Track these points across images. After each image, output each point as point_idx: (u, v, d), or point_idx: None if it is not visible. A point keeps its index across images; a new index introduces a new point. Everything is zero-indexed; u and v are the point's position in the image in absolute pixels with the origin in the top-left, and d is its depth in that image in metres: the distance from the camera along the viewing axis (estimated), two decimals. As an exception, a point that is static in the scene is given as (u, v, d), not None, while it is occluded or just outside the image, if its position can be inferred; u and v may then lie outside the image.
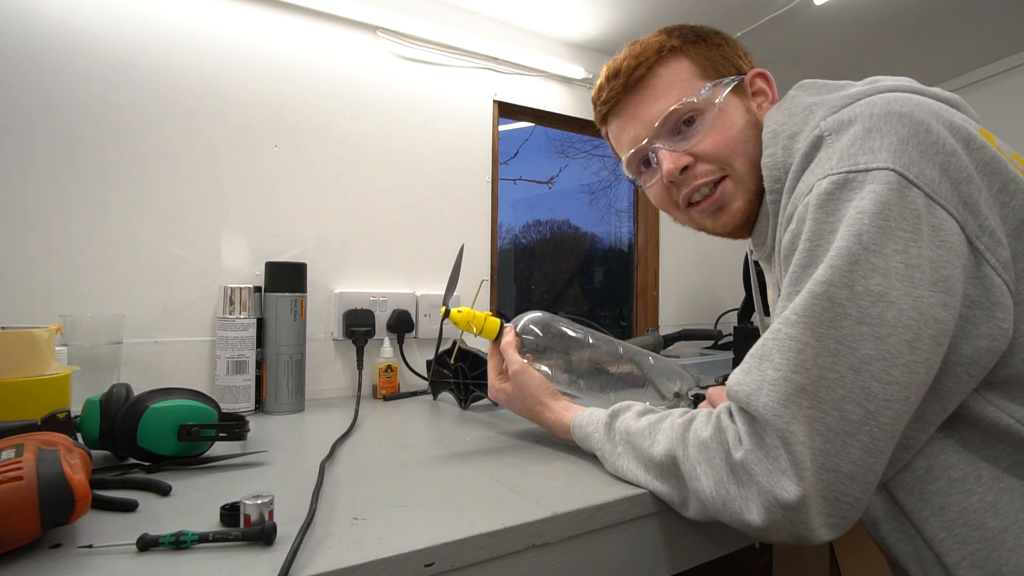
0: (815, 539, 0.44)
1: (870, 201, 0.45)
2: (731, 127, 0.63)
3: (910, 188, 0.45)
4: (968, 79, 1.63)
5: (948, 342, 0.45)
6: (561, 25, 1.36)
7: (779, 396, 0.44)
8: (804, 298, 0.45)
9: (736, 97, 0.65)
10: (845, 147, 0.48)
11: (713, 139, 0.63)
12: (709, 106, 0.63)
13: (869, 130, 0.48)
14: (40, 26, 0.88)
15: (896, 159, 0.45)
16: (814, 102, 0.57)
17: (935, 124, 0.47)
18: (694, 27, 0.69)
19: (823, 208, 0.47)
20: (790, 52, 1.48)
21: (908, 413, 0.45)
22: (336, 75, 1.13)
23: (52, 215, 0.88)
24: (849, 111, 0.51)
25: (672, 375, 0.80)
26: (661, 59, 0.66)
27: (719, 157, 0.63)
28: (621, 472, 0.57)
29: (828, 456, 0.43)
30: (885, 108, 0.48)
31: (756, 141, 0.62)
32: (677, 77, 0.65)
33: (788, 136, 0.57)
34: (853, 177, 0.46)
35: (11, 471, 0.40)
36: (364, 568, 0.40)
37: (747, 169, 0.63)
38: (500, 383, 0.74)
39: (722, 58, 0.66)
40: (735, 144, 0.62)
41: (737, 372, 0.49)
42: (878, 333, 0.43)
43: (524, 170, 1.92)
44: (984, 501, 0.48)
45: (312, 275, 1.05)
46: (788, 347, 0.45)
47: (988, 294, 0.46)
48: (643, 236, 1.67)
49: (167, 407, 0.61)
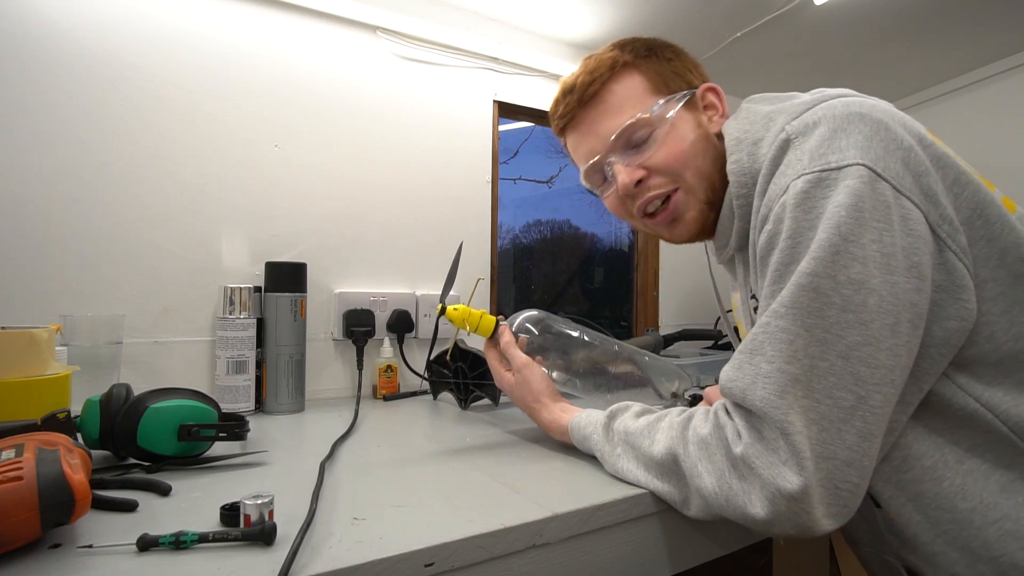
0: (818, 529, 0.45)
1: (845, 195, 0.47)
2: (682, 141, 0.65)
3: (879, 181, 0.47)
4: (968, 79, 1.63)
5: (924, 325, 0.48)
6: (561, 25, 1.36)
7: (774, 388, 0.45)
8: (791, 290, 0.47)
9: (687, 111, 0.67)
10: (814, 147, 0.50)
11: (664, 153, 0.65)
12: (661, 121, 0.65)
13: (835, 131, 0.50)
14: (39, 26, 0.88)
15: (864, 155, 0.48)
16: (772, 110, 0.60)
17: (892, 123, 0.51)
18: (646, 41, 0.71)
19: (800, 207, 0.49)
20: (790, 52, 1.48)
21: (895, 396, 0.47)
22: (336, 75, 1.13)
23: (52, 215, 0.88)
24: (811, 115, 0.53)
25: (669, 375, 0.80)
26: (614, 75, 0.68)
27: (671, 170, 0.66)
28: (621, 473, 0.57)
29: (825, 444, 0.45)
30: (846, 110, 0.51)
31: (707, 153, 0.65)
32: (630, 93, 0.67)
33: (752, 143, 0.60)
34: (827, 175, 0.48)
35: (11, 471, 0.40)
36: (364, 568, 0.40)
37: (697, 180, 0.65)
38: (504, 370, 0.74)
39: (673, 73, 0.69)
40: (686, 157, 0.65)
41: (728, 369, 0.50)
42: (862, 319, 0.46)
43: (524, 170, 1.92)
44: (953, 485, 0.51)
45: (312, 275, 1.05)
46: (779, 339, 0.46)
47: (952, 278, 0.49)
48: (643, 236, 1.67)
49: (167, 407, 0.61)
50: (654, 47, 0.70)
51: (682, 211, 0.67)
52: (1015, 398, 0.50)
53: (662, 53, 0.70)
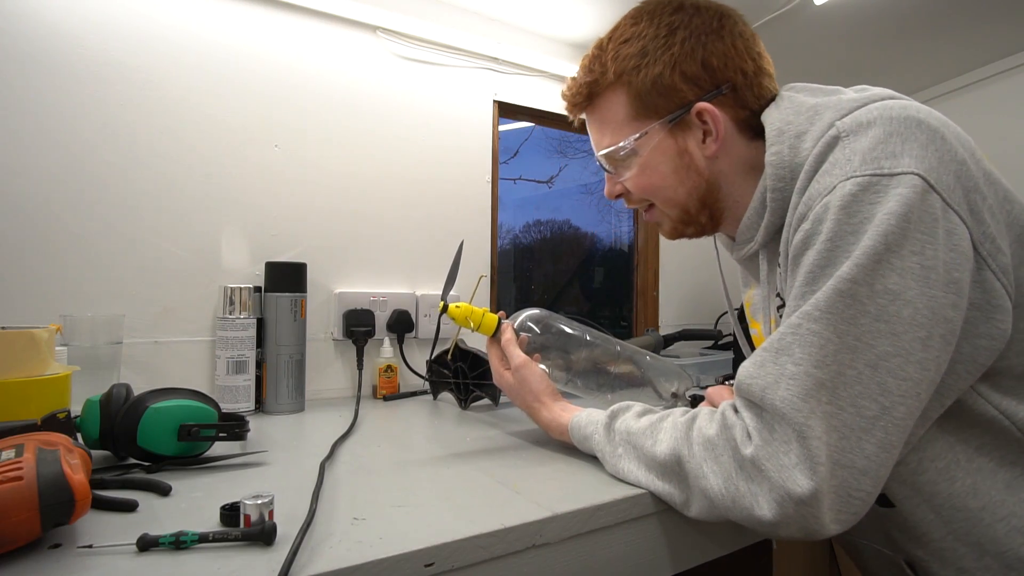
0: (824, 533, 0.45)
1: (896, 203, 0.46)
2: (653, 174, 0.65)
3: (931, 193, 0.46)
4: (968, 79, 1.63)
5: (955, 342, 0.47)
6: (561, 25, 1.36)
7: (799, 390, 0.45)
8: (827, 294, 0.46)
9: (671, 137, 0.63)
10: (867, 149, 0.48)
11: (635, 183, 0.67)
12: (636, 152, 0.65)
13: (890, 134, 0.49)
14: (39, 26, 0.88)
15: (919, 164, 0.47)
16: (817, 103, 0.57)
17: (947, 133, 0.49)
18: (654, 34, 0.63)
19: (845, 209, 0.47)
20: (790, 52, 1.48)
21: (919, 409, 0.47)
22: (336, 75, 1.13)
23: (52, 215, 0.88)
24: (865, 113, 0.51)
25: (670, 375, 0.80)
26: (595, 93, 0.67)
27: (642, 197, 0.69)
28: (622, 474, 0.57)
29: (843, 452, 0.44)
30: (903, 113, 0.50)
31: (682, 184, 0.65)
32: (609, 117, 0.66)
33: (794, 135, 0.57)
34: (878, 180, 0.47)
35: (11, 471, 0.40)
36: (364, 568, 0.40)
37: (669, 207, 0.67)
38: (504, 369, 0.74)
39: (665, 89, 0.61)
40: (655, 189, 0.66)
41: (749, 366, 0.49)
42: (894, 330, 0.45)
43: (524, 170, 1.92)
44: (965, 485, 0.52)
45: (312, 275, 1.05)
46: (810, 342, 0.46)
47: (988, 297, 0.48)
48: (643, 236, 1.67)
49: (167, 407, 0.61)
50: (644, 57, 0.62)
51: (660, 220, 0.71)
52: None
53: (663, 55, 0.61)
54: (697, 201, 0.65)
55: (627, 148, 0.65)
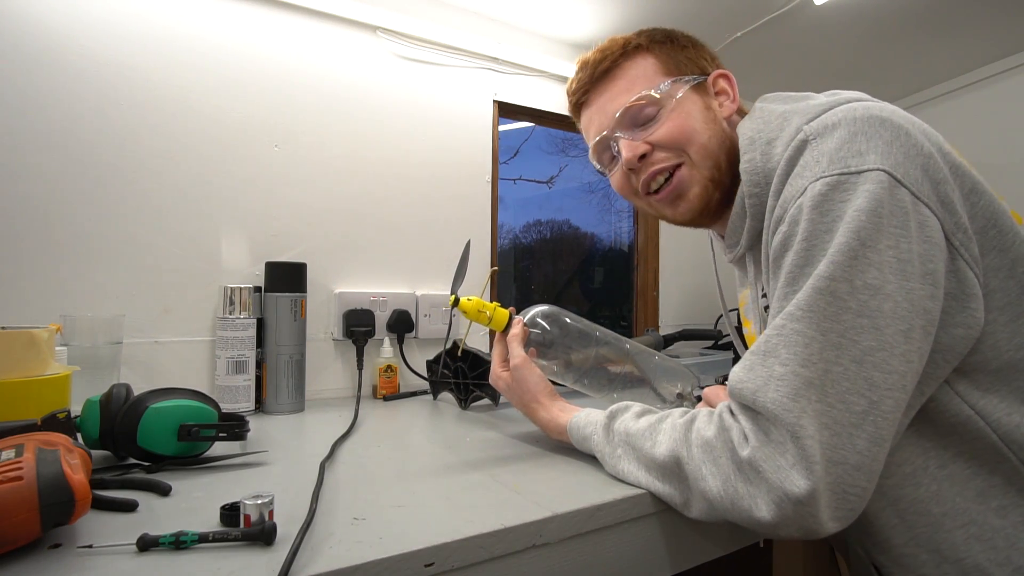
0: (823, 532, 0.45)
1: (865, 200, 0.47)
2: (688, 118, 0.66)
3: (898, 187, 0.47)
4: (968, 79, 1.63)
5: (935, 332, 0.48)
6: (561, 25, 1.36)
7: (788, 391, 0.45)
8: (808, 293, 0.47)
9: (696, 94, 0.68)
10: (833, 150, 0.50)
11: (668, 128, 0.66)
12: (668, 100, 0.66)
13: (854, 134, 0.50)
14: (39, 27, 0.88)
15: (884, 160, 0.48)
16: (786, 110, 0.60)
17: (912, 129, 0.51)
18: (665, 29, 0.72)
19: (817, 209, 0.49)
20: (790, 52, 1.48)
21: (905, 401, 0.47)
22: (336, 75, 1.13)
23: (52, 215, 0.88)
24: (830, 116, 0.53)
25: (677, 375, 0.79)
26: (626, 54, 0.69)
27: (675, 144, 0.66)
28: (621, 474, 0.57)
29: (836, 449, 0.44)
30: (866, 114, 0.51)
31: (713, 134, 0.66)
32: (640, 72, 0.68)
33: (765, 142, 0.59)
34: (846, 179, 0.48)
35: (11, 471, 0.40)
36: (364, 568, 0.40)
37: (702, 157, 0.65)
38: (501, 370, 0.74)
39: (686, 59, 0.70)
40: (690, 133, 0.65)
41: (738, 370, 0.50)
42: (876, 325, 0.45)
43: (524, 170, 1.92)
44: (929, 491, 0.53)
45: (312, 275, 1.05)
46: (794, 342, 0.46)
47: (962, 286, 0.50)
48: (643, 236, 1.67)
49: (167, 407, 0.61)
50: (672, 35, 0.71)
51: (686, 187, 0.66)
52: (1009, 406, 0.51)
53: (678, 40, 0.71)
54: (725, 156, 0.66)
55: (663, 92, 0.66)
